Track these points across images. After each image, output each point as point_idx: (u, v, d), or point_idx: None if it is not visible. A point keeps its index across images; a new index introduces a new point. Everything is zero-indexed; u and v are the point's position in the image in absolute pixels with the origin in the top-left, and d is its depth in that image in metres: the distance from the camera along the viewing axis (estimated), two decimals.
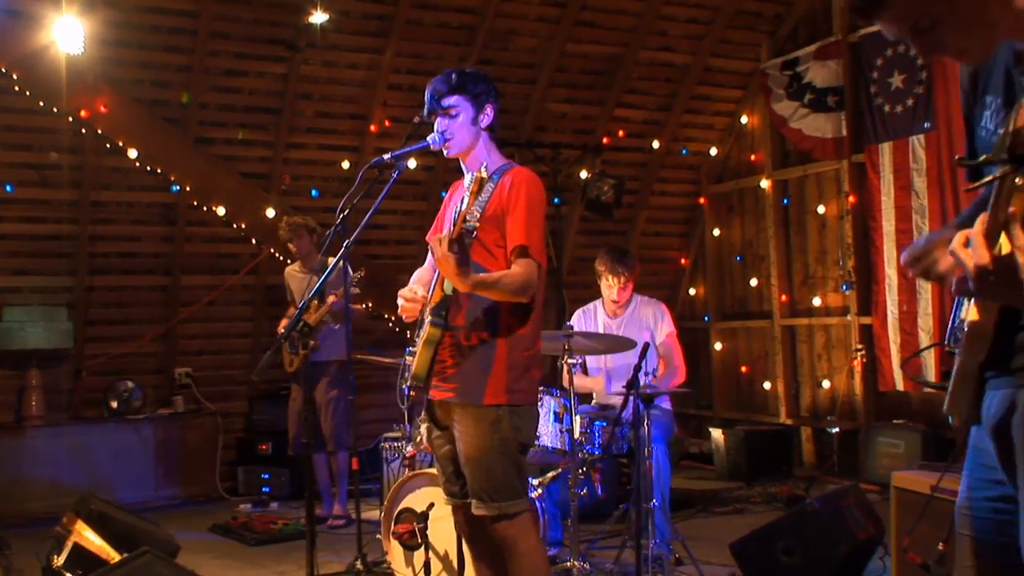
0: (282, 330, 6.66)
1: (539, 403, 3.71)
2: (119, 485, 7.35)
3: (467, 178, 3.58)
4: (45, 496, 6.89)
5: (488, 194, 3.40)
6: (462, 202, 3.41)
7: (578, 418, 4.71)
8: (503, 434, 3.31)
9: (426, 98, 3.50)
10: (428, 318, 3.36)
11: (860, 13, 1.79)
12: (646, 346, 4.47)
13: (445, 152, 3.51)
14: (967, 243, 1.62)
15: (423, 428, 3.64)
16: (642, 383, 4.47)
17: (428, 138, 3.49)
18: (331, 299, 6.45)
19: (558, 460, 4.84)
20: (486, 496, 3.33)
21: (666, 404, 5.54)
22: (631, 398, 4.40)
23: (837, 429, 7.96)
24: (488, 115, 3.49)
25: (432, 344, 3.34)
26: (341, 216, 4.07)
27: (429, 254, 3.75)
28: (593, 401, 5.77)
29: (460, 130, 3.46)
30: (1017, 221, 1.55)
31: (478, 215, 3.35)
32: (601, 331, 5.59)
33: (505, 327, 3.36)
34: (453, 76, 3.47)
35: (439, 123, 3.48)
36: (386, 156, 3.51)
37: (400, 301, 3.48)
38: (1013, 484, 1.87)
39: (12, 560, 5.33)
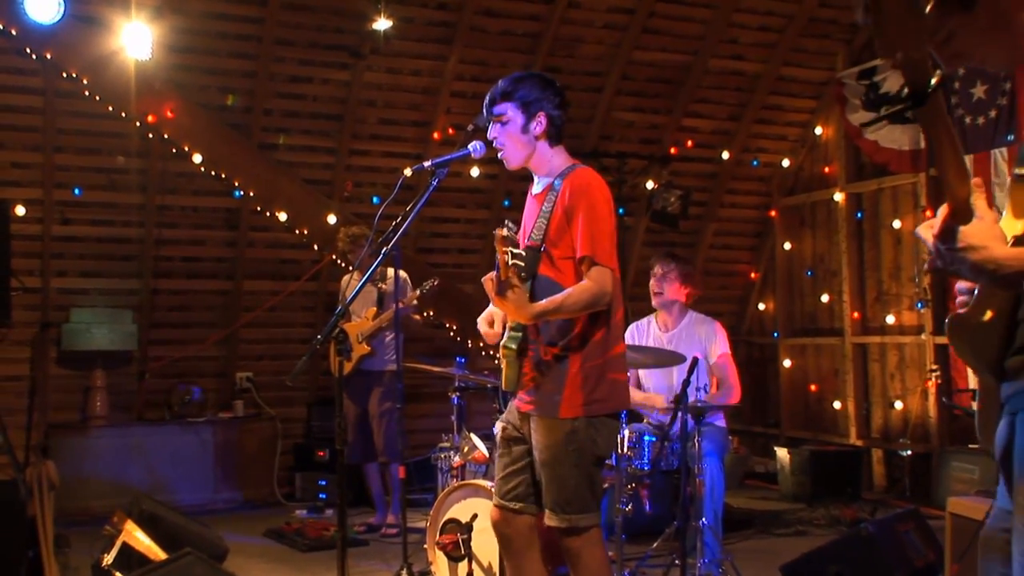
0: (347, 332, 6.77)
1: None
2: (178, 487, 7.54)
3: (535, 183, 3.59)
4: (106, 495, 7.07)
5: (551, 204, 3.40)
6: (533, 225, 3.41)
7: (626, 431, 4.70)
8: (578, 445, 3.34)
9: (487, 98, 3.52)
10: (504, 339, 3.43)
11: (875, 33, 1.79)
12: (695, 361, 4.45)
13: (506, 166, 3.53)
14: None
15: (497, 426, 3.68)
16: (691, 399, 4.44)
17: (469, 146, 3.51)
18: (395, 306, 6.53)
19: (606, 475, 4.83)
20: (557, 507, 3.37)
21: (720, 421, 5.48)
22: (680, 413, 4.37)
23: (909, 452, 7.80)
24: (540, 123, 3.44)
25: (513, 364, 3.42)
26: (393, 224, 4.12)
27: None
28: (646, 420, 5.73)
29: (510, 139, 3.46)
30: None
31: (543, 230, 3.38)
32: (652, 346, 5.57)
33: (579, 338, 3.38)
34: (505, 83, 3.47)
35: (491, 130, 3.50)
36: (426, 164, 3.55)
37: (481, 327, 3.55)
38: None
39: (70, 558, 5.51)
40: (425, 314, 7.99)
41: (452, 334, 8.52)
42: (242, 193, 7.76)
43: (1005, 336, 1.85)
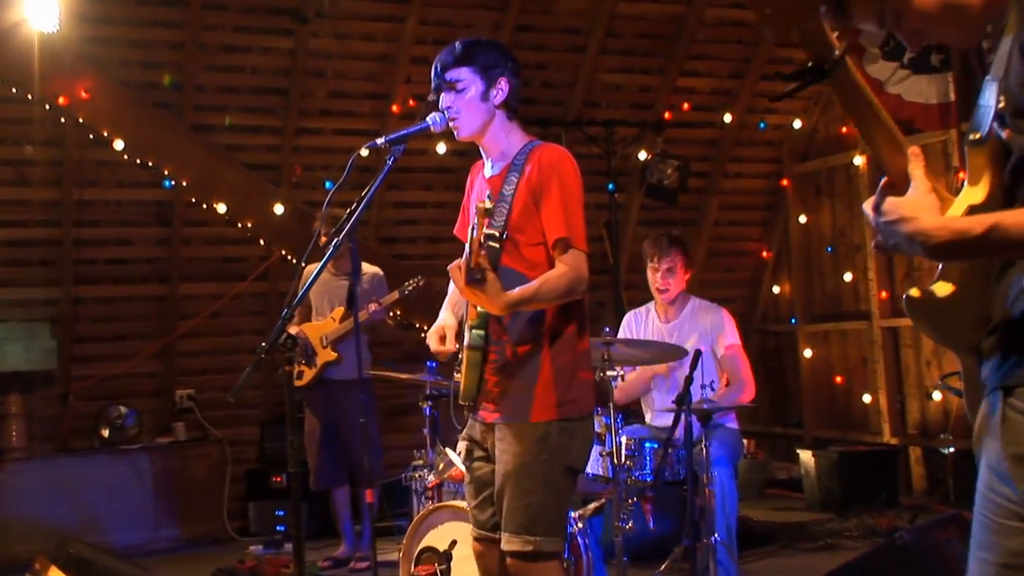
0: (296, 339, 6.73)
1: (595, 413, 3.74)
2: (113, 525, 7.48)
3: (487, 166, 3.61)
4: (28, 538, 6.97)
5: (513, 187, 3.43)
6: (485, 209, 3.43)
7: (624, 439, 4.70)
8: (549, 453, 3.35)
9: (435, 64, 3.54)
10: (466, 339, 3.44)
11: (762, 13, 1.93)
12: (697, 354, 4.45)
13: (456, 135, 3.55)
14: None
15: (460, 446, 3.68)
16: (696, 398, 4.44)
17: (428, 118, 3.51)
18: (372, 306, 6.51)
19: (602, 489, 4.83)
20: (520, 528, 3.35)
21: (731, 422, 5.50)
22: (683, 416, 4.38)
23: (952, 449, 7.83)
24: (502, 90, 3.50)
25: (475, 367, 3.45)
26: (347, 212, 4.09)
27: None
28: (648, 419, 5.74)
29: (468, 107, 3.48)
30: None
31: (505, 214, 3.38)
32: (650, 338, 5.57)
33: (550, 332, 3.42)
34: (459, 47, 3.51)
35: (444, 99, 3.52)
36: (379, 141, 3.54)
37: (431, 344, 3.61)
38: None
39: None
40: (392, 314, 7.96)
41: (423, 336, 8.48)
42: (174, 183, 7.70)
43: (980, 315, 1.93)
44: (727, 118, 8.96)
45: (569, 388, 3.40)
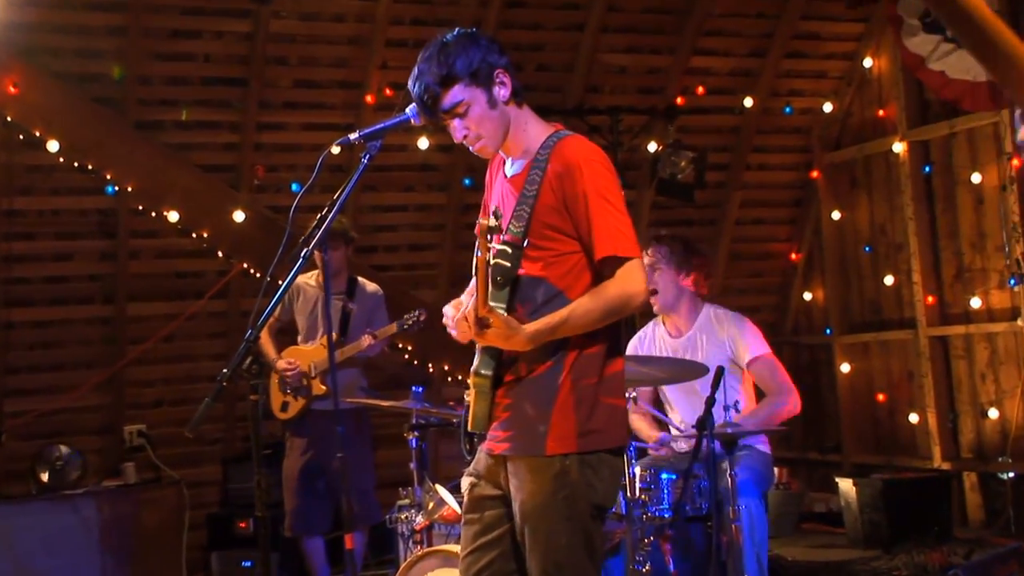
0: (278, 367, 6.74)
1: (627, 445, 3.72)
2: None
3: (507, 164, 3.58)
4: None
5: (536, 186, 3.39)
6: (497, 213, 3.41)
7: (637, 469, 4.72)
8: (570, 490, 3.32)
9: (416, 98, 3.48)
10: (475, 363, 3.42)
11: None
12: (719, 371, 4.46)
13: (483, 156, 3.54)
14: None
15: (464, 483, 3.67)
16: (719, 421, 4.46)
17: (408, 109, 3.49)
18: (366, 340, 6.52)
19: (615, 527, 4.85)
20: (545, 575, 3.34)
21: (762, 444, 5.50)
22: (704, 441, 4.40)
23: (1011, 474, 7.86)
24: (504, 83, 3.45)
25: (483, 396, 3.42)
26: (317, 218, 4.11)
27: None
28: (666, 449, 5.76)
29: (483, 124, 3.43)
30: None
31: (525, 220, 3.37)
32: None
33: (571, 350, 3.37)
34: (434, 67, 3.41)
35: (454, 130, 3.47)
36: (353, 136, 3.55)
37: (447, 310, 3.53)
38: None
39: None
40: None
41: (407, 356, 8.51)
42: (118, 189, 7.72)
43: None
44: (748, 102, 8.99)
45: (592, 416, 3.34)
